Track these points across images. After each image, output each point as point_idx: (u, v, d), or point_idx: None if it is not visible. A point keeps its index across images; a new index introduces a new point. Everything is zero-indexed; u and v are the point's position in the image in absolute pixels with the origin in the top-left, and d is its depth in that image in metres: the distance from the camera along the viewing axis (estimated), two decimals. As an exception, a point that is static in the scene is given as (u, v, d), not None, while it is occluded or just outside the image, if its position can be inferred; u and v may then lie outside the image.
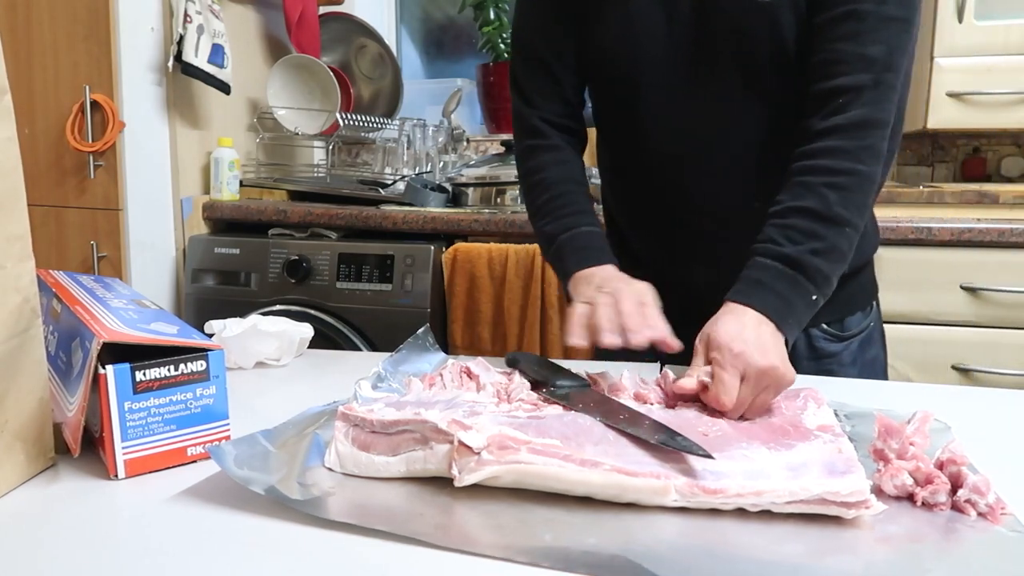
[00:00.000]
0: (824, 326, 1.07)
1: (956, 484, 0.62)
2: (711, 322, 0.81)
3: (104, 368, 0.66)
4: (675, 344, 0.82)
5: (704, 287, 1.01)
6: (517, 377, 0.83)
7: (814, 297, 0.83)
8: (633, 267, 1.02)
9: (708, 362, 0.78)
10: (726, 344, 0.76)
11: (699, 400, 0.78)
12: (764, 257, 0.84)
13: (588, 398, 0.76)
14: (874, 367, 1.10)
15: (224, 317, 1.02)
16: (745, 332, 0.78)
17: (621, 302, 0.85)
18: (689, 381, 0.77)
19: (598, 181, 2.15)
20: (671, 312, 0.88)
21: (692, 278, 1.04)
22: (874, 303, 1.12)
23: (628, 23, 0.99)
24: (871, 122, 0.85)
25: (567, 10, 1.04)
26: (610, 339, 0.81)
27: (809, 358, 1.06)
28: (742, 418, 0.75)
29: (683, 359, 0.93)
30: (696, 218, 1.03)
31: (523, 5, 1.09)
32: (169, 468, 0.70)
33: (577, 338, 0.85)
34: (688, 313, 0.91)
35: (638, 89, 1.01)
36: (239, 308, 1.71)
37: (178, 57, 1.96)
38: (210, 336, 0.92)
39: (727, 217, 1.01)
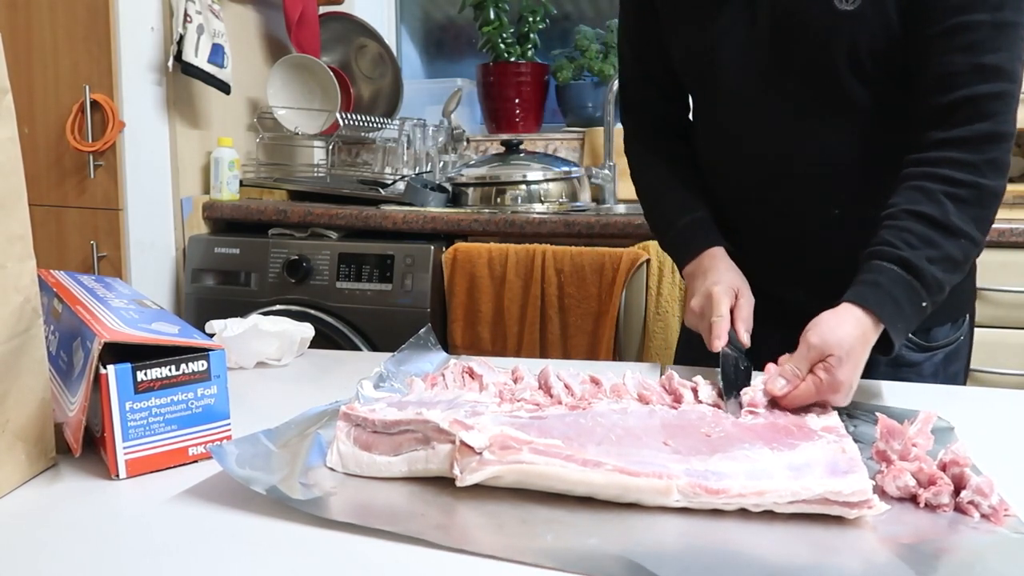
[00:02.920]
0: (909, 334, 1.04)
1: (959, 485, 0.62)
2: (828, 319, 0.80)
3: (105, 368, 0.66)
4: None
5: (780, 289, 1.03)
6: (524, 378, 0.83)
7: (924, 304, 0.82)
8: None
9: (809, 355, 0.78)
10: (846, 348, 0.77)
11: (704, 400, 0.78)
12: (881, 260, 0.83)
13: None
14: (955, 382, 1.07)
15: (224, 317, 1.02)
16: (858, 345, 0.78)
17: (712, 308, 0.91)
18: (780, 385, 0.77)
19: (599, 180, 2.15)
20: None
21: (769, 280, 1.03)
22: (967, 315, 1.09)
23: (707, 33, 0.99)
24: (996, 135, 0.84)
25: (652, 18, 1.06)
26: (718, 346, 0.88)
27: (887, 364, 1.01)
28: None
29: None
30: (774, 221, 1.03)
31: (620, 14, 1.15)
32: (170, 468, 0.69)
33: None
34: (765, 312, 0.93)
35: (716, 96, 1.02)
36: (239, 308, 1.71)
37: (178, 57, 1.96)
38: (211, 336, 0.92)
39: (804, 223, 1.01)
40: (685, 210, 1.05)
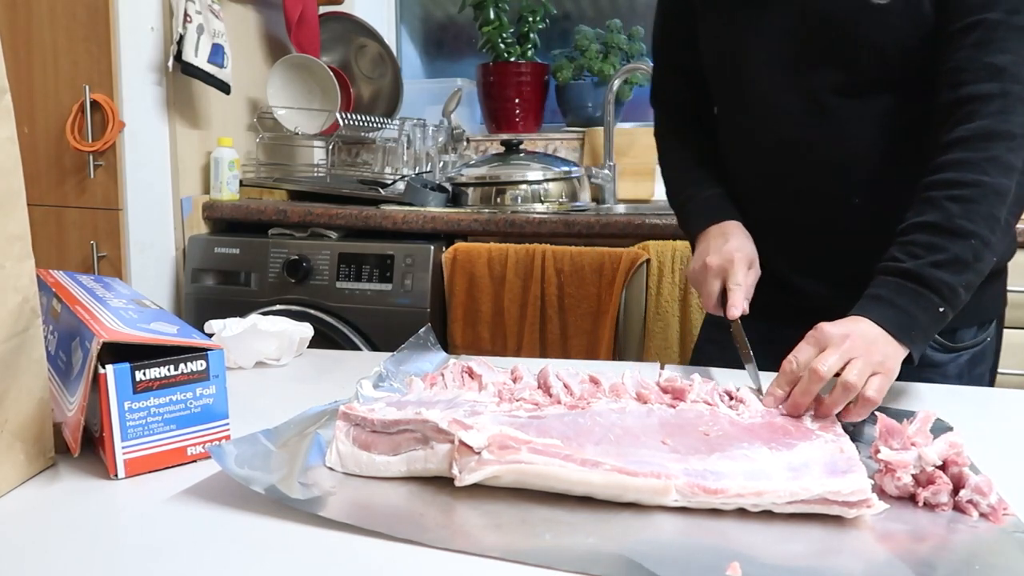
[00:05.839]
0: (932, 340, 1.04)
1: (958, 485, 0.62)
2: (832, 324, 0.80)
3: (104, 368, 0.66)
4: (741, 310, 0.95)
5: (799, 280, 1.05)
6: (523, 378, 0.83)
7: (941, 309, 0.82)
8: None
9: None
10: (830, 331, 0.78)
11: (702, 400, 0.78)
12: (884, 275, 0.84)
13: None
14: (980, 384, 1.07)
15: (224, 317, 1.02)
16: (856, 328, 0.79)
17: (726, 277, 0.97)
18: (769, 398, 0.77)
19: (599, 180, 2.15)
20: (772, 307, 0.95)
21: (787, 270, 1.06)
22: (995, 319, 1.09)
23: (735, 26, 1.02)
24: (996, 133, 0.84)
25: (687, 13, 1.10)
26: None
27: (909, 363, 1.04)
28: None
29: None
30: (795, 210, 1.04)
31: (657, 9, 1.20)
32: (169, 468, 0.69)
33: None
34: (783, 307, 0.94)
35: (741, 87, 1.04)
36: (239, 308, 1.71)
37: (178, 57, 1.96)
38: (210, 336, 0.92)
39: (825, 213, 1.02)
40: (709, 185, 1.10)
